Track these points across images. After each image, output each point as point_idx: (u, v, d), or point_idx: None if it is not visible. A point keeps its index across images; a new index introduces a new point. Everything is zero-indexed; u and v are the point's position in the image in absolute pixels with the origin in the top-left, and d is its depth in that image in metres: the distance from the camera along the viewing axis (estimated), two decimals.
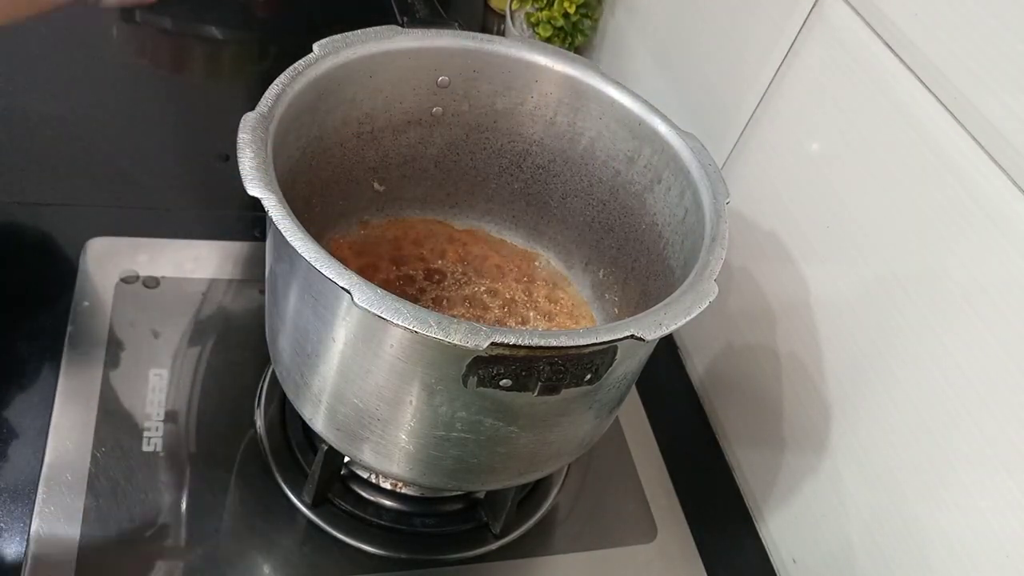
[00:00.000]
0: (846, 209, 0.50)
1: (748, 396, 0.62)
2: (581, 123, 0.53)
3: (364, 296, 0.33)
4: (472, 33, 0.51)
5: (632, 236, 0.54)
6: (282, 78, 0.43)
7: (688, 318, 0.37)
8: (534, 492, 0.58)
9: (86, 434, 0.52)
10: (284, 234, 0.35)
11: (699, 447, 0.65)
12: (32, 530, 0.47)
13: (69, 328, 0.57)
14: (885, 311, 0.47)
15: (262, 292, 0.61)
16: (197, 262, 0.64)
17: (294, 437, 0.56)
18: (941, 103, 0.43)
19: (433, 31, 0.50)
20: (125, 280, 0.61)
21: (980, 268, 0.41)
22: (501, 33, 0.91)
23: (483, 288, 0.58)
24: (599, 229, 0.56)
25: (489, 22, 0.97)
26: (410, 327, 0.33)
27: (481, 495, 0.56)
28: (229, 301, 0.62)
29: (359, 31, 0.48)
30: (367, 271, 0.56)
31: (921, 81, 0.44)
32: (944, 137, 0.43)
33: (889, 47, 0.46)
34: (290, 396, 0.47)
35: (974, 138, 0.41)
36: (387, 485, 0.55)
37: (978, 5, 0.40)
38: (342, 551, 0.52)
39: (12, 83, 0.75)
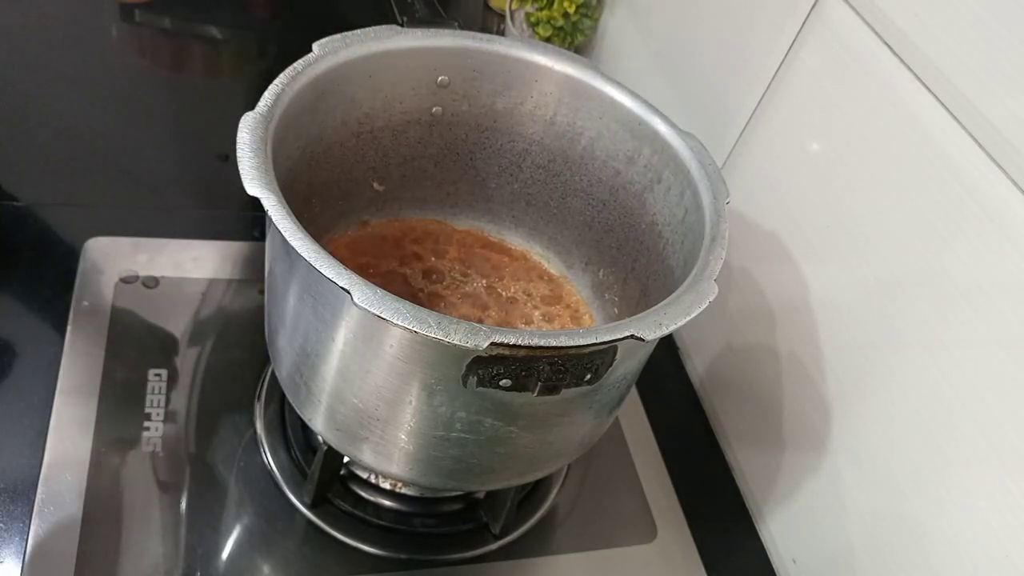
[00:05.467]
0: (846, 209, 0.50)
1: (748, 396, 0.62)
2: (581, 123, 0.53)
3: (364, 296, 0.33)
4: (472, 33, 0.51)
5: (632, 236, 0.54)
6: (282, 78, 0.43)
7: (688, 318, 0.37)
8: (534, 492, 0.58)
9: (86, 434, 0.52)
10: (284, 234, 0.35)
11: (699, 447, 0.65)
12: (32, 530, 0.47)
13: (69, 328, 0.57)
14: (885, 311, 0.47)
15: (261, 292, 0.61)
16: (196, 262, 0.64)
17: (294, 437, 0.56)
18: (941, 103, 0.43)
19: (433, 31, 0.50)
20: (124, 280, 0.61)
21: (980, 268, 0.41)
22: (501, 33, 0.91)
23: (482, 288, 0.58)
24: (599, 229, 0.56)
25: (489, 22, 0.97)
26: (410, 327, 0.33)
27: (481, 495, 0.56)
28: (228, 301, 0.62)
29: (358, 31, 0.48)
30: (366, 271, 0.56)
31: (921, 81, 0.44)
32: (944, 137, 0.43)
33: (889, 47, 0.46)
34: (289, 396, 0.47)
35: (974, 138, 0.41)
36: (387, 485, 0.55)
37: (978, 5, 0.40)
38: (342, 551, 0.52)
39: (12, 83, 0.75)
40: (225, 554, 0.50)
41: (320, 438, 0.48)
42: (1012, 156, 0.39)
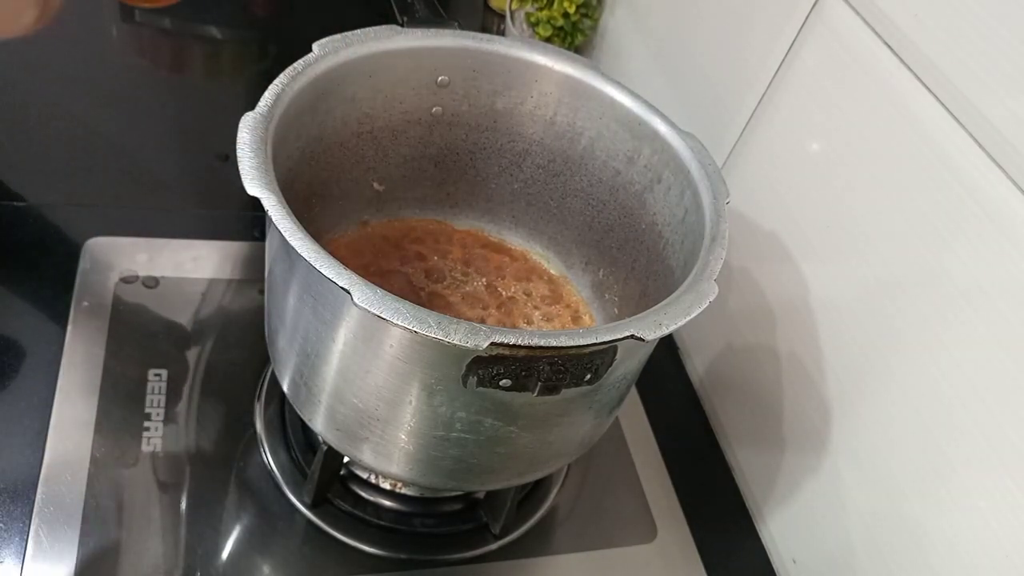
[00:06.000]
0: (846, 209, 0.50)
1: (748, 396, 0.62)
2: (581, 123, 0.53)
3: (364, 296, 0.33)
4: (472, 33, 0.51)
5: (632, 236, 0.54)
6: (282, 78, 0.43)
7: (688, 318, 0.37)
8: (534, 492, 0.58)
9: (86, 434, 0.52)
10: (284, 234, 0.35)
11: (699, 447, 0.65)
12: (31, 530, 0.47)
13: (69, 328, 0.57)
14: (885, 311, 0.47)
15: (261, 292, 0.61)
16: (197, 262, 0.64)
17: (294, 437, 0.56)
18: (941, 103, 0.43)
19: (433, 31, 0.50)
20: (124, 280, 0.61)
21: (980, 268, 0.41)
22: (501, 33, 0.91)
23: (483, 288, 0.58)
24: (599, 229, 0.56)
25: (489, 22, 0.97)
26: (410, 327, 0.33)
27: (481, 495, 0.56)
28: (228, 301, 0.62)
29: (358, 31, 0.48)
30: (366, 271, 0.56)
31: (921, 81, 0.44)
32: (944, 137, 0.43)
33: (889, 47, 0.46)
34: (289, 396, 0.47)
35: (974, 138, 0.41)
36: (387, 485, 0.55)
37: (978, 5, 0.40)
38: (341, 551, 0.52)
39: (12, 83, 0.75)
40: (225, 554, 0.50)
41: (320, 438, 0.48)
42: (1012, 156, 0.39)
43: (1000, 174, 0.40)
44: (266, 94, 0.42)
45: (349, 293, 0.33)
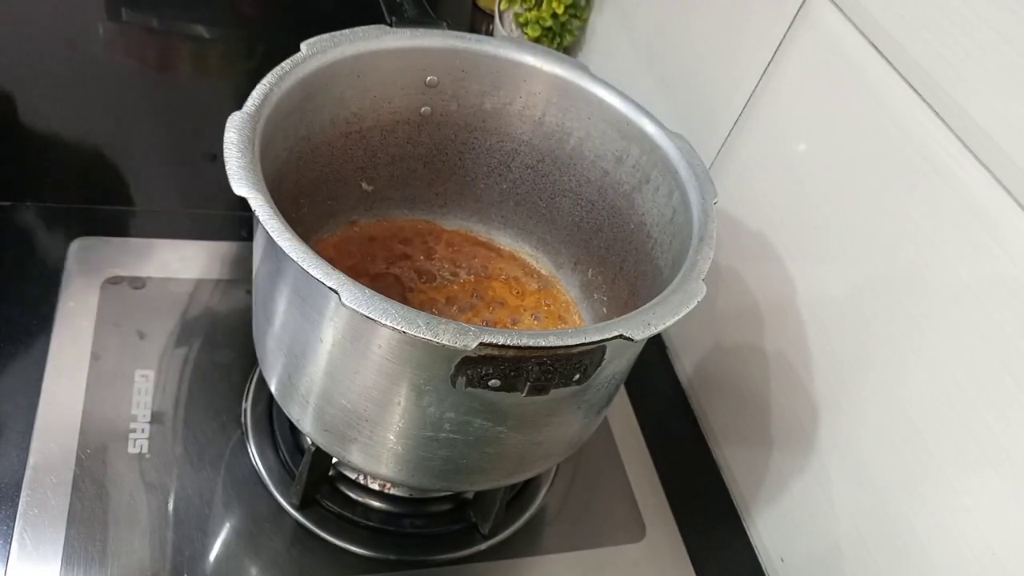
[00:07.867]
0: (833, 209, 0.50)
1: (736, 395, 0.62)
2: (569, 123, 0.53)
3: (352, 296, 0.33)
4: (460, 33, 0.51)
5: (621, 236, 0.54)
6: (269, 77, 0.43)
7: (676, 318, 0.38)
8: (523, 492, 0.58)
9: (71, 436, 0.52)
10: (271, 234, 0.35)
11: (687, 446, 0.65)
12: (15, 533, 0.47)
13: (54, 329, 0.57)
14: (872, 311, 0.48)
15: (249, 292, 0.61)
16: (184, 262, 0.64)
17: (281, 438, 0.55)
18: (927, 103, 0.43)
19: (421, 31, 0.50)
20: (111, 280, 0.61)
21: (966, 268, 0.42)
22: (489, 33, 0.91)
23: (471, 288, 0.58)
24: (588, 229, 0.57)
25: (477, 22, 0.97)
26: (398, 327, 0.33)
27: (470, 496, 0.56)
28: (216, 301, 0.62)
29: (347, 30, 0.47)
30: (355, 271, 0.56)
31: (907, 82, 0.44)
32: (930, 138, 0.43)
33: (876, 48, 0.46)
34: (277, 397, 0.47)
35: (960, 139, 0.41)
36: (375, 486, 0.55)
37: (964, 6, 0.40)
38: (330, 552, 0.51)
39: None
40: (212, 556, 0.49)
41: (308, 439, 0.48)
42: (997, 156, 0.39)
43: (986, 174, 0.40)
44: (253, 93, 0.42)
45: (337, 293, 0.33)
